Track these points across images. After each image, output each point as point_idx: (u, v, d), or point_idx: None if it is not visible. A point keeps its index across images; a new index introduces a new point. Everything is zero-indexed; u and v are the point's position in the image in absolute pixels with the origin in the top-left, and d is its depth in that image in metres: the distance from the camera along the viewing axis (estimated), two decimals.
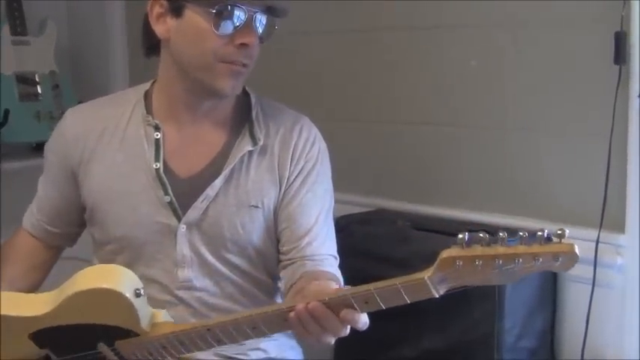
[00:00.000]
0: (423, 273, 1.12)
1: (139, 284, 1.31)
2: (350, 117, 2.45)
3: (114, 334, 1.31)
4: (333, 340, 1.24)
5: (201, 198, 1.47)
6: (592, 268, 1.93)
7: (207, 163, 1.50)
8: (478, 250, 1.07)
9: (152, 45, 1.51)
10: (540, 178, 2.08)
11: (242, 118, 1.53)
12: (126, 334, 1.31)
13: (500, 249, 1.06)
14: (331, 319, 1.21)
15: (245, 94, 1.56)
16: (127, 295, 1.27)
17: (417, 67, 2.30)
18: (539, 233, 1.05)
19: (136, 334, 1.31)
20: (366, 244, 2.07)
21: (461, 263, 1.09)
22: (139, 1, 1.52)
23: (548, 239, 1.05)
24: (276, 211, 1.51)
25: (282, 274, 1.51)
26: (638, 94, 1.86)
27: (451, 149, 2.25)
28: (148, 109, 1.53)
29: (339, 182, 1.62)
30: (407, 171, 2.34)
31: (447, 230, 2.01)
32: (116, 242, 1.53)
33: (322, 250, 1.49)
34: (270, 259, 1.54)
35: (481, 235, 1.07)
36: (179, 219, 1.48)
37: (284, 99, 1.62)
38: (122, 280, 1.30)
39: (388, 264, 1.98)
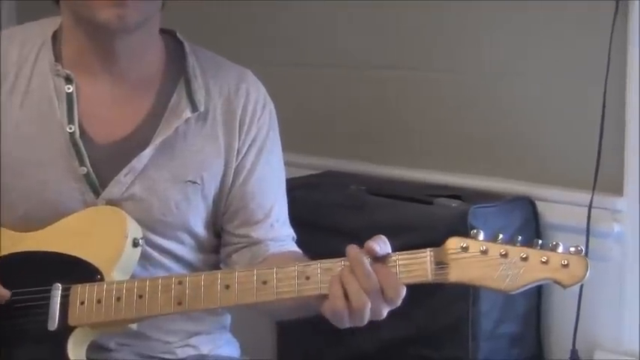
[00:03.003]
0: (426, 250, 1.19)
1: (141, 236, 1.36)
2: (290, 60, 2.37)
3: (77, 274, 1.32)
4: (367, 315, 1.20)
5: (124, 171, 1.38)
6: (584, 237, 1.85)
7: (132, 128, 1.41)
8: (488, 242, 1.16)
9: None
10: (522, 132, 2.02)
11: (175, 73, 1.44)
12: (91, 276, 1.32)
13: (510, 246, 1.16)
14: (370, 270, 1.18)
15: (176, 42, 1.47)
16: (129, 231, 1.34)
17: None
18: (554, 243, 1.15)
19: (101, 280, 1.32)
20: (313, 214, 1.98)
21: (466, 246, 1.16)
22: None
23: (562, 249, 1.15)
24: (222, 188, 1.44)
25: (235, 257, 1.46)
26: (638, 30, 1.77)
27: (415, 98, 2.18)
28: (57, 56, 1.41)
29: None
30: (360, 125, 2.27)
31: (410, 195, 1.96)
32: (18, 222, 1.40)
33: (285, 231, 1.48)
34: (206, 241, 1.47)
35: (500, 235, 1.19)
36: (97, 194, 1.39)
37: (214, 39, 1.55)
38: (131, 221, 1.36)
39: (339, 236, 1.77)
